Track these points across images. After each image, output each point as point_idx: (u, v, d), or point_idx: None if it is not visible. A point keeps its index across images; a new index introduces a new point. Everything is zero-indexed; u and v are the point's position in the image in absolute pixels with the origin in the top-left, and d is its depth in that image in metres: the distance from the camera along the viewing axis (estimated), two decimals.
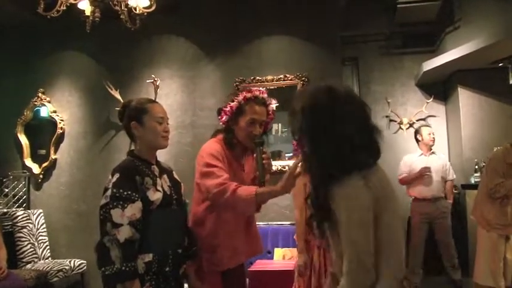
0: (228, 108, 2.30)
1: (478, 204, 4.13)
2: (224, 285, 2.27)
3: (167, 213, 2.01)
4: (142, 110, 2.05)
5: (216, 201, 2.14)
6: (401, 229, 1.48)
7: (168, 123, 2.12)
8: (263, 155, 2.20)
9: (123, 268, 1.77)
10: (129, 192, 1.87)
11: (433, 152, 4.81)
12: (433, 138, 4.76)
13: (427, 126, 4.95)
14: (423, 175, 4.59)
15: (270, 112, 2.37)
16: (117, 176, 1.91)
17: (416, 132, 4.89)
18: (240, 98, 2.28)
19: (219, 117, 2.36)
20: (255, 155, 2.25)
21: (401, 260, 1.45)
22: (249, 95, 2.29)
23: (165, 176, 2.10)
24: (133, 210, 1.85)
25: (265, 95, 2.35)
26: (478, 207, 4.11)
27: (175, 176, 2.23)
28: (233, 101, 2.30)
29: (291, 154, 4.59)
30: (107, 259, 1.78)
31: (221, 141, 2.32)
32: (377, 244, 1.38)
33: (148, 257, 1.89)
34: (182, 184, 2.23)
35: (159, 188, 1.98)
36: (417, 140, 4.87)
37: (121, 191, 1.86)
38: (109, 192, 1.88)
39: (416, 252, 4.70)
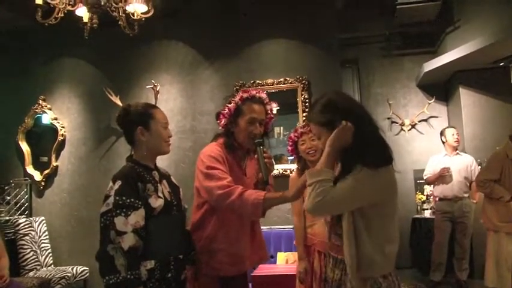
0: (226, 111, 2.28)
1: (483, 207, 4.13)
2: None
3: (168, 219, 1.99)
4: (148, 115, 2.02)
5: (219, 203, 2.09)
6: (396, 222, 1.67)
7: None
8: (264, 155, 2.18)
9: (129, 276, 1.75)
10: (132, 200, 1.84)
11: (457, 153, 4.87)
12: (457, 139, 4.84)
13: (452, 127, 4.98)
14: (442, 175, 4.70)
15: (269, 111, 2.35)
16: (119, 183, 1.88)
17: (441, 133, 4.98)
18: (237, 98, 2.28)
19: (218, 121, 2.34)
20: (256, 156, 2.23)
21: (395, 250, 1.64)
22: (245, 95, 2.28)
23: (164, 181, 2.08)
24: (137, 217, 1.83)
25: (263, 94, 2.33)
26: (483, 210, 4.11)
27: (173, 180, 2.21)
28: (230, 103, 2.29)
29: (293, 157, 4.57)
30: (112, 268, 1.76)
31: (221, 145, 2.29)
32: (376, 231, 1.59)
33: (151, 264, 1.87)
34: (181, 188, 2.21)
35: (160, 194, 1.96)
36: (442, 142, 4.96)
37: (124, 198, 1.83)
38: (111, 200, 1.85)
39: (439, 250, 4.76)
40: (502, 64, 4.90)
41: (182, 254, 2.03)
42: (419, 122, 5.80)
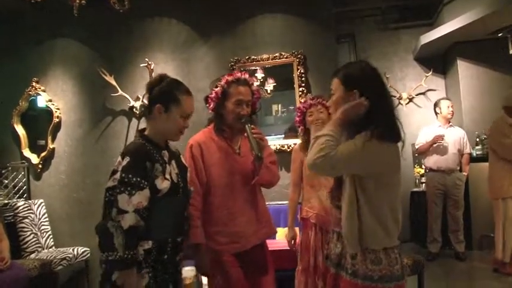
0: (213, 95, 2.39)
1: (489, 179, 4.09)
2: (243, 267, 2.33)
3: (172, 202, 1.96)
4: (173, 99, 1.97)
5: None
6: (398, 197, 1.71)
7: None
8: (253, 131, 2.27)
9: (126, 256, 1.75)
10: (138, 179, 1.81)
11: (451, 125, 4.85)
12: (452, 111, 4.83)
13: (447, 99, 4.96)
14: (436, 142, 4.66)
15: (255, 91, 2.45)
16: (127, 159, 1.84)
17: (435, 105, 4.94)
18: (223, 82, 2.39)
19: (207, 105, 2.46)
20: (245, 134, 2.31)
21: (398, 220, 1.68)
22: (230, 78, 2.39)
23: (173, 161, 2.03)
24: (141, 198, 1.80)
25: (247, 76, 2.42)
26: (490, 181, 4.08)
27: (183, 160, 2.18)
28: (217, 87, 2.40)
29: (283, 136, 4.59)
30: (111, 245, 1.76)
31: (211, 130, 2.42)
32: (377, 203, 1.62)
33: (148, 245, 1.86)
34: (188, 169, 2.19)
35: (167, 176, 1.92)
36: (436, 113, 4.92)
37: (130, 176, 1.80)
38: (118, 176, 1.82)
39: (434, 223, 4.79)
40: (500, 35, 4.85)
41: (181, 237, 2.03)
42: (416, 95, 5.77)
